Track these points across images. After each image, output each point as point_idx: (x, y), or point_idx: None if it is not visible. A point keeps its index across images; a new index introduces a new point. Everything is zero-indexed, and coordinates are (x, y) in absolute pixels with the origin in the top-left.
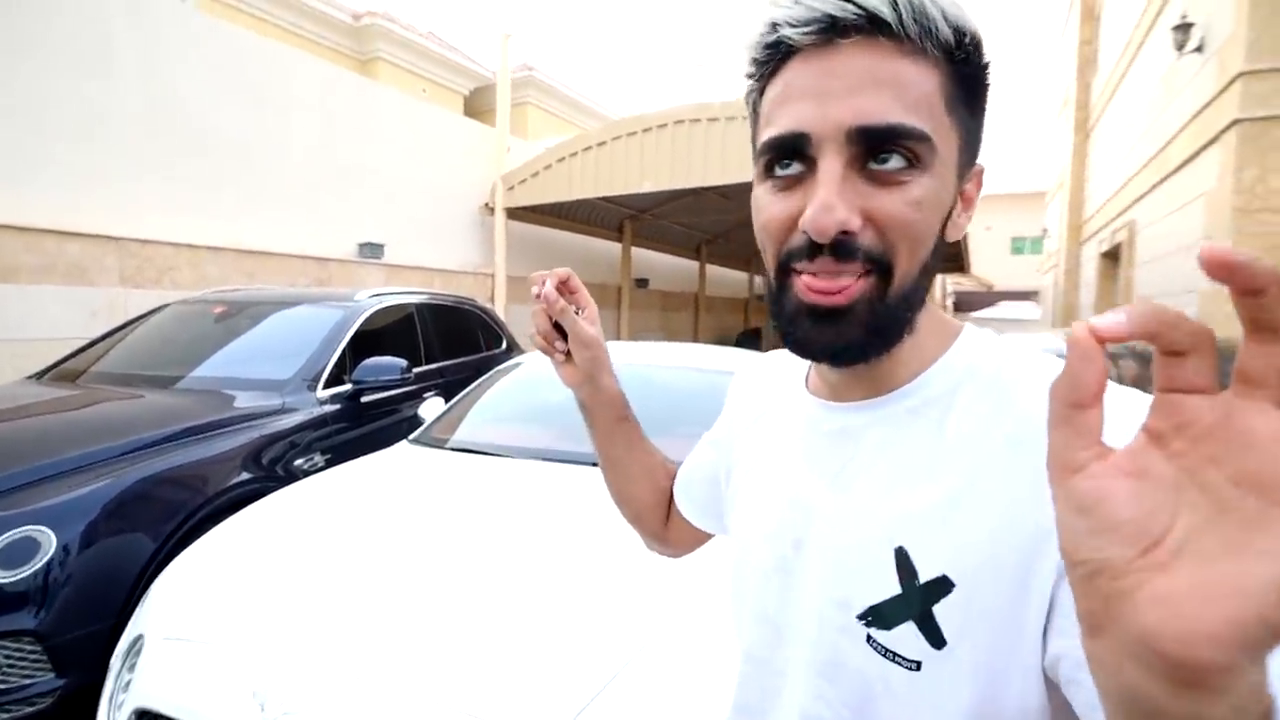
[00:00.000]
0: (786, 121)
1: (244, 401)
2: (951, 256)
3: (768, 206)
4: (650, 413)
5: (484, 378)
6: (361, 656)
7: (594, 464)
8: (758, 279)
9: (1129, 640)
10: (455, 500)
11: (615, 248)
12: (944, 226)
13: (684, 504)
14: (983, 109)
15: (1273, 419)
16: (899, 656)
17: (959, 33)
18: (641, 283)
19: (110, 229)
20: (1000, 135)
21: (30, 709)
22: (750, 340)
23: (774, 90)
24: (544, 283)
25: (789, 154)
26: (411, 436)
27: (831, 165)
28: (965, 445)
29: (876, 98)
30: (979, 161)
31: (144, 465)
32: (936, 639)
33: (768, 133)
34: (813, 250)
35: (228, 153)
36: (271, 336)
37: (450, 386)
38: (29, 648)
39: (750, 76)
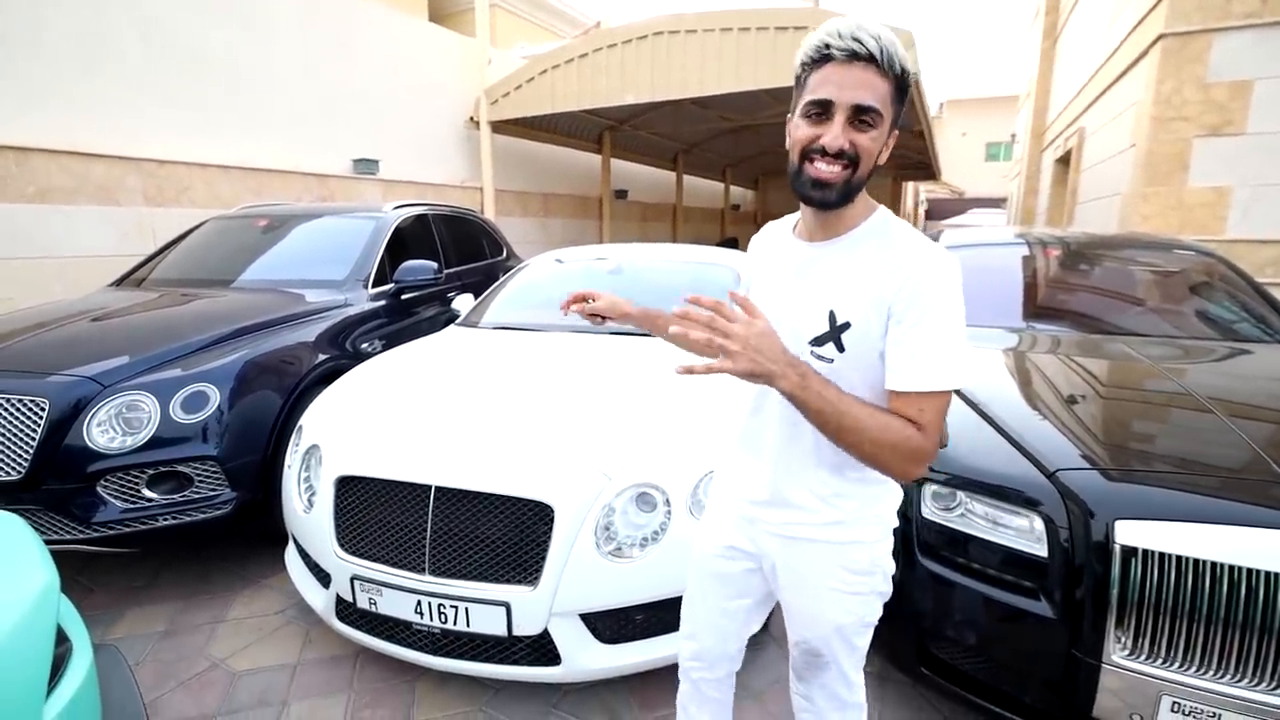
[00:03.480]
0: (823, 93)
1: (315, 296)
2: (920, 164)
3: (803, 126)
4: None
5: (505, 277)
6: (490, 435)
7: (594, 333)
8: (734, 189)
9: None
10: (510, 355)
11: (595, 159)
12: (879, 155)
13: None
14: (903, 103)
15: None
16: (824, 358)
17: (903, 68)
18: (621, 194)
19: (128, 150)
20: (981, 38)
21: (218, 512)
22: (729, 247)
23: (817, 76)
24: (569, 310)
25: (821, 108)
26: (458, 321)
27: (840, 119)
28: (866, 263)
29: (866, 92)
30: (899, 127)
31: (263, 343)
32: (841, 348)
33: (814, 95)
34: (824, 152)
35: (221, 73)
36: (317, 244)
37: (468, 288)
38: (212, 469)
39: (804, 64)
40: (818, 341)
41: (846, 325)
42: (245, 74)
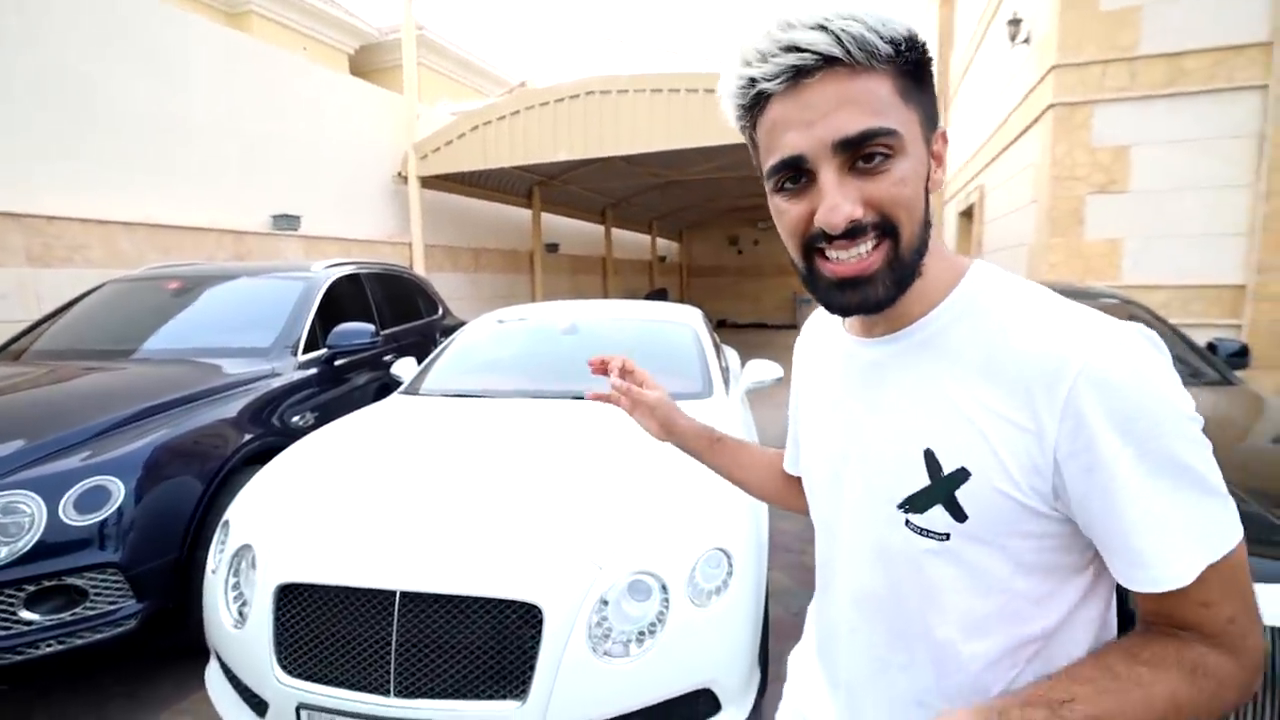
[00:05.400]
0: (784, 149)
1: (235, 367)
2: None
3: (787, 210)
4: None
5: (451, 337)
6: (460, 525)
7: (557, 398)
8: (660, 241)
9: None
10: (468, 427)
11: (526, 214)
12: (926, 192)
13: (792, 467)
14: (930, 84)
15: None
16: (931, 532)
17: (894, 43)
18: (552, 247)
19: (11, 205)
20: None
21: (119, 630)
22: (659, 297)
23: (764, 127)
24: (612, 373)
25: (794, 171)
26: (401, 389)
27: (827, 174)
28: (975, 363)
29: (846, 114)
30: (940, 125)
31: (178, 423)
32: (960, 515)
33: (771, 159)
34: (829, 237)
35: (128, 123)
36: (240, 308)
37: (405, 350)
38: (113, 578)
39: (739, 119)
40: (914, 505)
41: (962, 475)
42: (157, 124)
